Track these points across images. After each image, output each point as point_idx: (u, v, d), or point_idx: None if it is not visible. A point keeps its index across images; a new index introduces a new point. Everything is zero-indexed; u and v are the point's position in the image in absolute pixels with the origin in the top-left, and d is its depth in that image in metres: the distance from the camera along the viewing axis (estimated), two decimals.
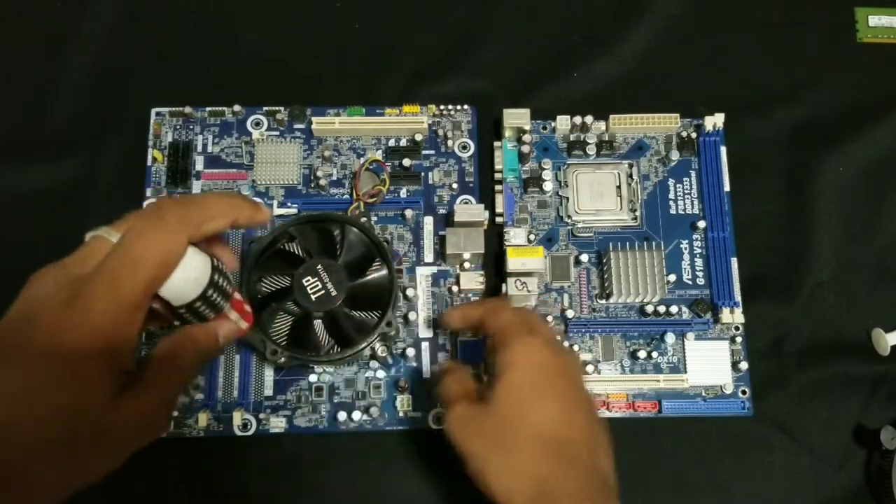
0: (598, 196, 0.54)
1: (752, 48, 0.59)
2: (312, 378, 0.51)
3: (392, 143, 0.55)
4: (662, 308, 0.52)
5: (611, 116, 0.55)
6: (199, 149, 0.55)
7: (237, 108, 0.55)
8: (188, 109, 0.55)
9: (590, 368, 0.51)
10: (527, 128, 0.54)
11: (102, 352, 0.32)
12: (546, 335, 0.43)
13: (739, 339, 0.52)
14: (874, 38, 0.60)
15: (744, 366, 0.51)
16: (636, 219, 0.54)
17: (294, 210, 0.54)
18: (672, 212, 0.54)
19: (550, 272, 0.53)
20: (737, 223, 0.54)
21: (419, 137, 0.54)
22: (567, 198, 0.54)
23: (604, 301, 0.53)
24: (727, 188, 0.54)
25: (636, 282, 0.51)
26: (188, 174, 0.54)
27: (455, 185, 0.55)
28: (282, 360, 0.48)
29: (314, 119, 0.55)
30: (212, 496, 0.50)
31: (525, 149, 0.54)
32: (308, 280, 0.47)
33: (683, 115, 0.55)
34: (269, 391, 0.51)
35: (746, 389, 0.51)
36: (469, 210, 0.51)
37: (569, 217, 0.54)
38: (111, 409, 0.33)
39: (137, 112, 0.56)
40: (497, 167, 0.55)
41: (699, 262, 0.53)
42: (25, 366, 0.31)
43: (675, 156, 0.55)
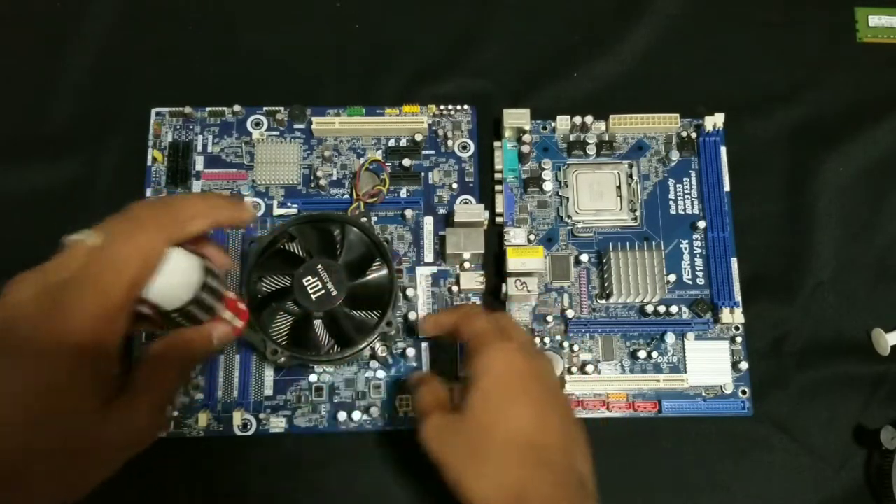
0: (598, 196, 0.54)
1: (752, 48, 0.59)
2: (312, 378, 0.51)
3: (392, 143, 0.55)
4: (662, 308, 0.52)
5: (611, 116, 0.55)
6: (199, 149, 0.55)
7: (237, 108, 0.55)
8: (188, 109, 0.55)
9: (590, 368, 0.51)
10: (527, 128, 0.54)
11: (84, 358, 0.32)
12: (520, 340, 0.43)
13: (739, 339, 0.52)
14: (874, 38, 0.60)
15: (744, 366, 0.51)
16: (636, 219, 0.54)
17: (294, 210, 0.54)
18: (672, 212, 0.54)
19: (550, 272, 0.53)
20: (737, 223, 0.54)
21: (419, 137, 0.54)
22: (567, 198, 0.54)
23: (604, 301, 0.53)
24: (727, 188, 0.54)
25: (636, 282, 0.51)
26: (188, 174, 0.54)
27: (455, 185, 0.55)
28: (282, 360, 0.48)
29: (314, 119, 0.55)
30: (212, 496, 0.50)
31: (525, 149, 0.54)
32: (308, 280, 0.47)
33: (683, 115, 0.55)
34: (269, 391, 0.51)
35: (746, 389, 0.51)
36: (469, 210, 0.51)
37: (569, 217, 0.54)
38: (99, 417, 0.32)
39: (137, 112, 0.56)
40: (497, 167, 0.55)
41: (699, 262, 0.53)
42: (4, 373, 0.31)
43: (675, 156, 0.55)
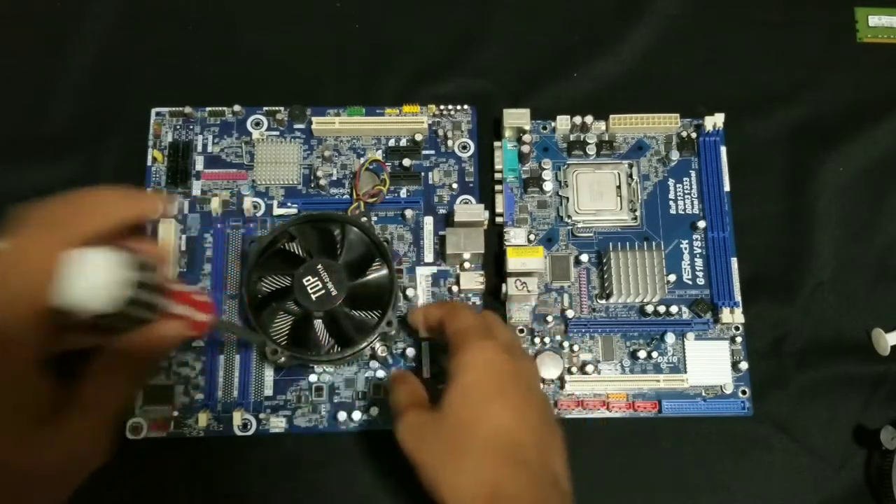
0: (598, 196, 0.54)
1: (752, 48, 0.59)
2: (312, 378, 0.51)
3: (392, 143, 0.55)
4: (662, 308, 0.52)
5: (611, 116, 0.55)
6: (199, 149, 0.55)
7: (237, 108, 0.55)
8: (188, 109, 0.55)
9: (590, 368, 0.51)
10: (527, 128, 0.54)
11: None
12: (504, 339, 0.43)
13: (739, 339, 0.52)
14: (874, 38, 0.60)
15: (744, 366, 0.51)
16: (636, 219, 0.54)
17: (294, 210, 0.54)
18: (672, 212, 0.54)
19: (550, 272, 0.53)
20: (737, 223, 0.54)
21: (419, 137, 0.54)
22: (567, 198, 0.54)
23: (604, 301, 0.53)
24: (727, 188, 0.54)
25: (636, 282, 0.51)
26: (188, 174, 0.54)
27: (455, 185, 0.55)
28: (282, 360, 0.48)
29: (314, 119, 0.55)
30: (212, 496, 0.50)
31: (525, 149, 0.54)
32: (308, 280, 0.47)
33: (683, 115, 0.55)
34: (269, 391, 0.51)
35: (746, 389, 0.51)
36: (469, 210, 0.51)
37: (569, 217, 0.54)
38: (30, 438, 0.30)
39: (137, 112, 0.56)
40: (497, 167, 0.55)
41: (699, 262, 0.53)
42: None
43: (675, 156, 0.55)
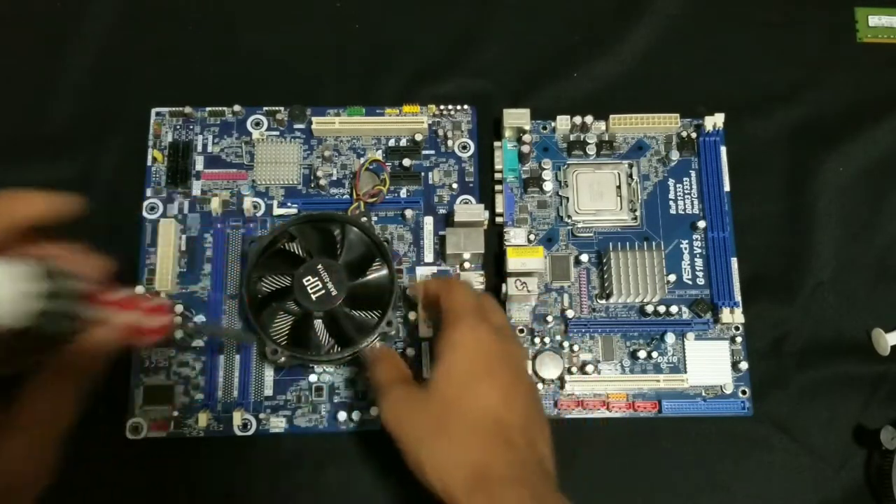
0: (598, 196, 0.54)
1: (752, 48, 0.59)
2: (312, 378, 0.51)
3: (392, 143, 0.55)
4: (662, 308, 0.52)
5: (611, 116, 0.55)
6: (199, 149, 0.55)
7: (237, 108, 0.55)
8: (188, 109, 0.55)
9: (590, 368, 0.51)
10: (527, 128, 0.54)
11: None
12: (496, 321, 0.43)
13: (739, 339, 0.52)
14: (874, 38, 0.60)
15: (744, 366, 0.51)
16: (636, 219, 0.54)
17: (294, 210, 0.54)
18: (672, 212, 0.54)
19: (550, 272, 0.53)
20: (737, 223, 0.54)
21: (419, 137, 0.54)
22: (567, 198, 0.54)
23: (604, 301, 0.53)
24: (727, 188, 0.54)
25: (636, 282, 0.51)
26: (188, 174, 0.54)
27: (455, 185, 0.55)
28: (282, 360, 0.48)
29: (314, 119, 0.55)
30: (212, 496, 0.50)
31: (525, 149, 0.54)
32: (308, 280, 0.47)
33: (683, 115, 0.55)
34: (269, 391, 0.51)
35: (746, 389, 0.51)
36: (469, 210, 0.51)
37: (569, 217, 0.54)
38: None
39: (137, 112, 0.56)
40: (497, 167, 0.55)
41: (699, 262, 0.53)
42: None
43: (675, 156, 0.55)
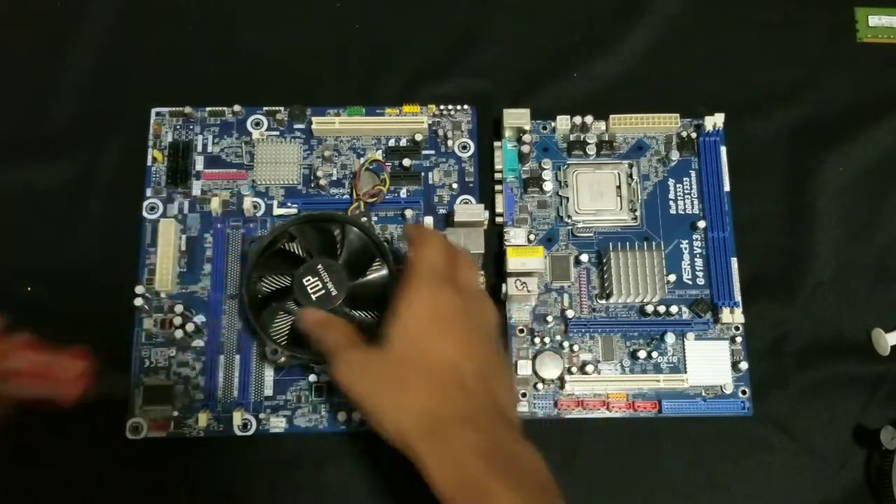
0: (598, 196, 0.54)
1: (752, 48, 0.59)
2: (312, 378, 0.51)
3: (392, 143, 0.55)
4: (662, 308, 0.52)
5: (611, 116, 0.55)
6: (199, 149, 0.55)
7: (237, 108, 0.55)
8: (188, 109, 0.55)
9: (590, 368, 0.51)
10: (527, 128, 0.54)
11: None
12: (463, 281, 0.42)
13: (739, 339, 0.52)
14: (874, 38, 0.60)
15: (744, 366, 0.51)
16: (636, 219, 0.54)
17: (294, 210, 0.54)
18: (672, 212, 0.54)
19: (550, 272, 0.53)
20: (737, 223, 0.54)
21: (419, 137, 0.54)
22: (567, 198, 0.54)
23: (604, 301, 0.53)
24: (727, 188, 0.54)
25: (636, 282, 0.51)
26: (188, 174, 0.54)
27: (455, 185, 0.55)
28: (282, 360, 0.48)
29: (314, 119, 0.55)
30: (212, 496, 0.50)
31: (525, 149, 0.54)
32: (308, 280, 0.47)
33: (683, 115, 0.55)
34: (269, 391, 0.51)
35: (746, 389, 0.51)
36: (469, 210, 0.51)
37: (569, 217, 0.54)
38: None
39: (137, 112, 0.56)
40: (497, 167, 0.55)
41: (699, 262, 0.53)
42: None
43: (675, 156, 0.55)
